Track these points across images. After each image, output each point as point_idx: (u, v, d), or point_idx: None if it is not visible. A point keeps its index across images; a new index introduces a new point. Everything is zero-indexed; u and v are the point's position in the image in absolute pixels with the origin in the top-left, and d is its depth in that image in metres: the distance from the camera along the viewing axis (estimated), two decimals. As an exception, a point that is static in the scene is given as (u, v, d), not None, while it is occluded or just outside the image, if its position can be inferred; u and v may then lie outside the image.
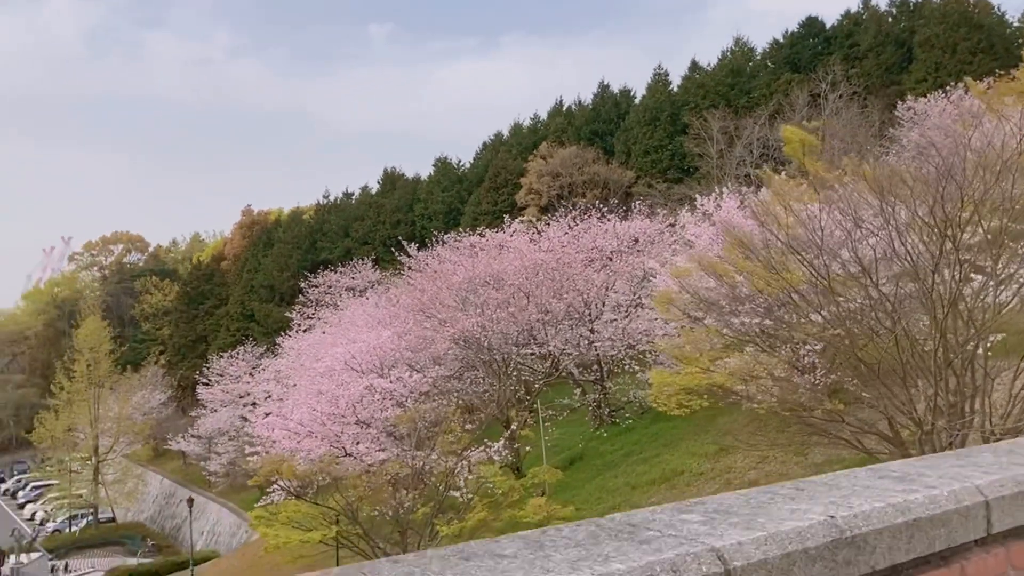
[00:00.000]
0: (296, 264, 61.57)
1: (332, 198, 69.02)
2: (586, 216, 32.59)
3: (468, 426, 24.43)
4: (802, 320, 13.85)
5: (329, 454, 25.75)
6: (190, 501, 36.37)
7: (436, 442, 23.23)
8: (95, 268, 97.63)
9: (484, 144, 65.83)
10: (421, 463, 20.33)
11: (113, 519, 55.17)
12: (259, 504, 28.48)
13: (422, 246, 38.91)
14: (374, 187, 68.17)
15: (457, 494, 22.28)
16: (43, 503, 60.58)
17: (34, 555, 44.37)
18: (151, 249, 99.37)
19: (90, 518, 53.44)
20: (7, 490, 71.80)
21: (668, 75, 57.85)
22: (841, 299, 13.95)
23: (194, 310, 69.72)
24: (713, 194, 24.71)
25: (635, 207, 32.08)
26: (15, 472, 75.62)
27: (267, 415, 28.48)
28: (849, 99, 40.88)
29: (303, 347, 37.57)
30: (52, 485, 60.20)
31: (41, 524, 58.01)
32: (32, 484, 66.11)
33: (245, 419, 37.97)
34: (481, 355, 26.57)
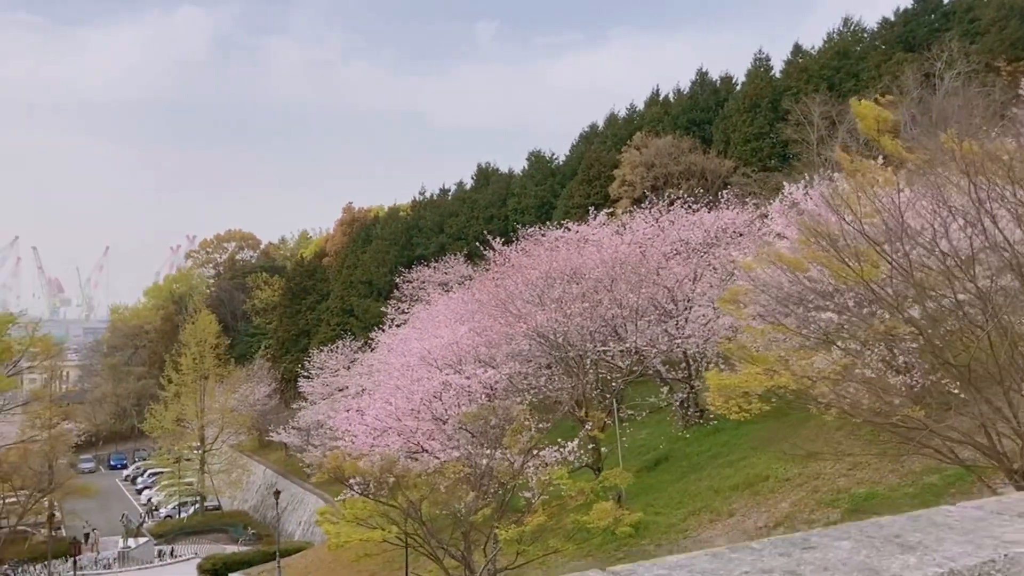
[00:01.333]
0: (393, 260, 62.30)
1: (428, 195, 69.56)
2: (672, 208, 31.33)
3: (541, 425, 23.75)
4: (879, 317, 12.49)
5: (403, 450, 25.59)
6: (276, 493, 37.13)
7: (506, 440, 22.67)
8: (210, 265, 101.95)
9: (580, 136, 64.87)
10: (486, 462, 19.79)
11: (219, 507, 57.27)
12: (338, 499, 28.68)
13: (508, 242, 38.46)
14: (470, 183, 68.25)
15: (529, 494, 21.65)
16: (158, 489, 63.64)
17: (141, 539, 46.46)
18: (262, 246, 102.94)
19: (197, 506, 55.65)
20: (128, 476, 75.86)
21: (769, 60, 55.44)
22: (931, 293, 12.52)
23: (297, 305, 71.69)
24: (802, 182, 23.04)
25: (722, 197, 30.54)
26: (136, 459, 79.80)
27: (347, 410, 28.64)
28: (967, 78, 37.83)
29: (391, 342, 37.77)
30: (164, 473, 63.16)
31: (155, 509, 60.93)
32: (150, 471, 69.52)
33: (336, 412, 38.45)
34: (557, 351, 25.79)
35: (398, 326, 44.87)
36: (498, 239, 37.93)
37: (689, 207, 31.25)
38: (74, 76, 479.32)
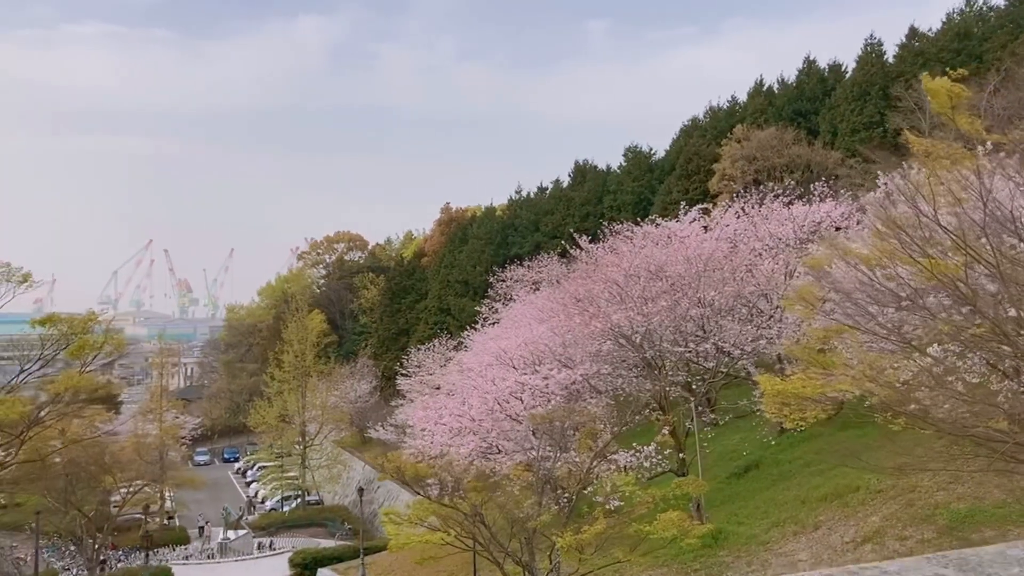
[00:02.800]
0: (488, 259, 62.33)
1: (525, 193, 69.29)
2: (764, 201, 29.75)
3: (617, 428, 22.88)
4: (968, 318, 11.14)
5: (478, 450, 25.22)
6: (360, 491, 37.48)
7: (577, 443, 21.93)
8: (320, 266, 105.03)
9: (681, 130, 63.12)
10: (548, 465, 19.13)
11: (320, 502, 58.67)
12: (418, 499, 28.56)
13: (598, 239, 37.60)
14: (567, 181, 67.56)
15: (601, 499, 20.85)
16: (263, 483, 65.88)
17: (240, 532, 47.99)
18: (370, 247, 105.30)
19: (299, 500, 57.18)
20: (239, 469, 78.96)
21: (882, 45, 52.35)
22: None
23: (397, 304, 72.81)
24: (898, 170, 21.25)
25: (814, 189, 28.78)
26: (248, 453, 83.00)
27: (425, 409, 28.52)
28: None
29: (478, 341, 37.60)
30: (269, 467, 65.27)
31: (262, 502, 63.05)
32: (259, 464, 72.07)
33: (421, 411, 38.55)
34: (636, 351, 24.81)
35: (491, 325, 44.73)
36: (585, 237, 37.22)
37: (785, 201, 29.63)
38: (200, 86, 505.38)
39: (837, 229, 27.47)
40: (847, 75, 53.77)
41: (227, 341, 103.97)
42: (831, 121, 50.28)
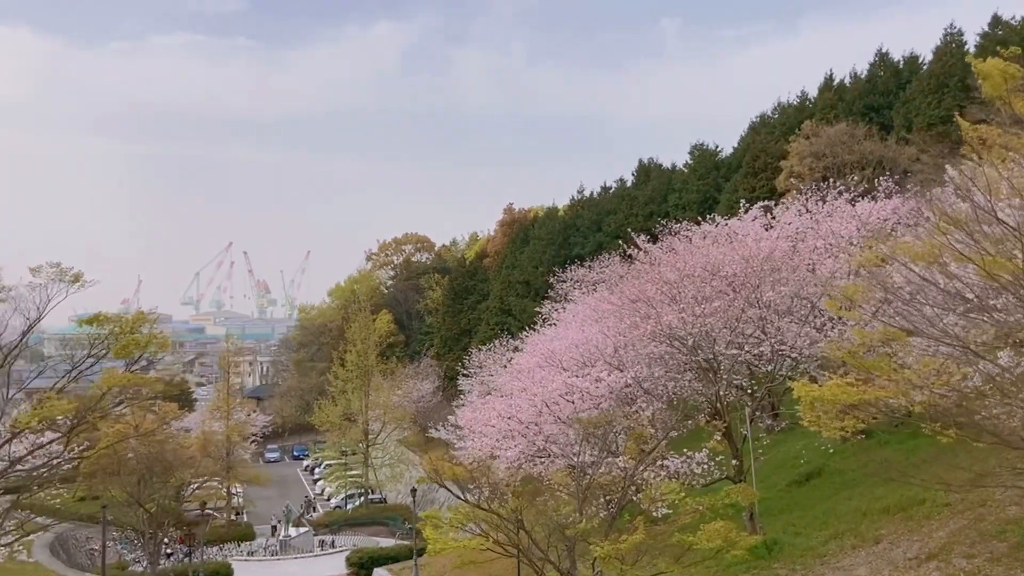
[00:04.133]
0: (549, 259, 61.85)
1: (588, 193, 68.59)
2: (827, 199, 28.57)
3: (665, 432, 22.18)
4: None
5: (526, 453, 24.83)
6: (413, 491, 37.39)
7: (626, 447, 21.33)
8: (388, 267, 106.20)
9: (749, 127, 61.51)
10: (590, 472, 18.60)
11: (383, 500, 59.09)
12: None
13: (657, 239, 36.81)
14: (631, 180, 66.60)
15: (647, 507, 20.21)
16: (328, 481, 66.78)
17: (302, 529, 48.63)
18: (436, 248, 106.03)
19: (363, 498, 57.73)
20: (307, 466, 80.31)
21: (962, 35, 49.89)
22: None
23: (459, 305, 72.96)
24: (969, 164, 19.99)
25: (879, 184, 27.48)
26: (316, 450, 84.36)
27: (473, 411, 28.26)
28: None
29: (531, 342, 37.23)
30: (333, 465, 66.13)
31: (327, 499, 63.92)
32: (326, 462, 73.13)
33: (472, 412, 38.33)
34: (688, 354, 24.05)
35: (551, 326, 44.30)
36: (643, 237, 36.44)
37: (849, 197, 28.40)
38: (279, 93, 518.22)
39: (908, 227, 26.16)
40: (924, 67, 51.53)
41: (298, 340, 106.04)
42: (905, 115, 48.20)
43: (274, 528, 49.74)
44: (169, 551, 44.45)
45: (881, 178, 28.79)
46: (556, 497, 20.14)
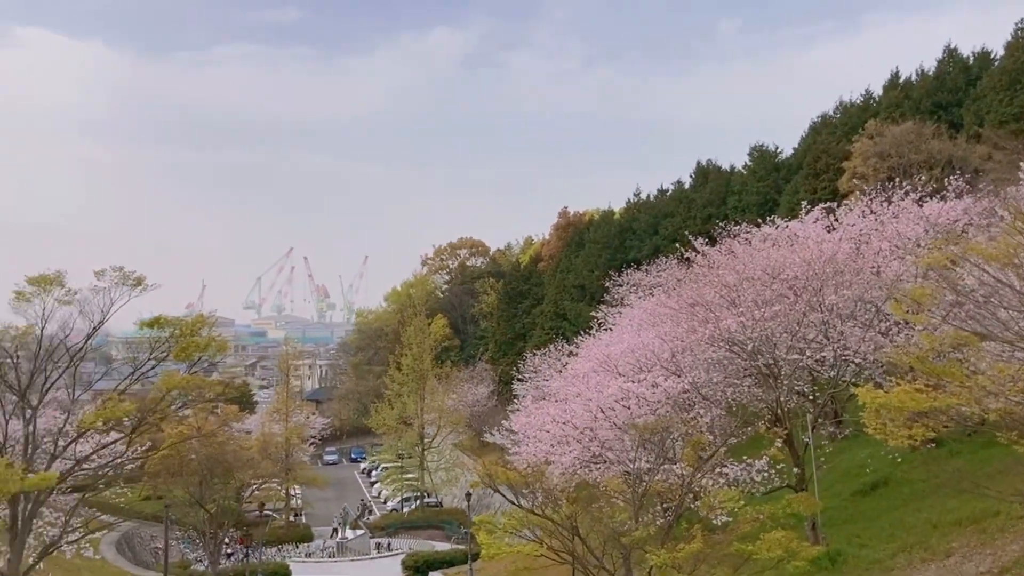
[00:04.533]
0: (604, 263, 61.34)
1: (644, 196, 67.87)
2: (894, 199, 27.66)
3: (724, 439, 21.68)
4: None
5: (581, 459, 24.54)
6: (468, 496, 37.34)
7: (683, 454, 20.89)
8: (443, 271, 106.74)
9: (810, 127, 60.17)
10: (647, 479, 18.22)
11: (439, 504, 59.24)
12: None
13: (715, 242, 36.18)
14: (688, 182, 65.71)
15: (706, 515, 19.76)
16: (385, 484, 67.24)
17: (358, 531, 48.98)
18: (491, 252, 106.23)
19: (418, 501, 57.96)
20: (365, 469, 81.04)
21: (1035, 27, 47.95)
22: None
23: (513, 309, 72.80)
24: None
25: (949, 184, 26.49)
26: (373, 453, 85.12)
27: (528, 415, 28.04)
28: None
29: (586, 347, 36.87)
30: (390, 468, 66.53)
31: (384, 502, 64.38)
32: (383, 465, 73.70)
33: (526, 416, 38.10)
34: (747, 359, 23.48)
35: (607, 330, 43.88)
36: (701, 240, 35.81)
37: (916, 198, 27.44)
38: (337, 99, 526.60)
39: (978, 228, 25.14)
40: (995, 63, 49.71)
41: (356, 344, 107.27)
42: (976, 113, 46.53)
43: (335, 530, 50.26)
44: (230, 551, 45.21)
45: (950, 178, 27.74)
46: (612, 504, 19.83)
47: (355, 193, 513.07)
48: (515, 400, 54.81)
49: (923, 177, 35.41)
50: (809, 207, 31.69)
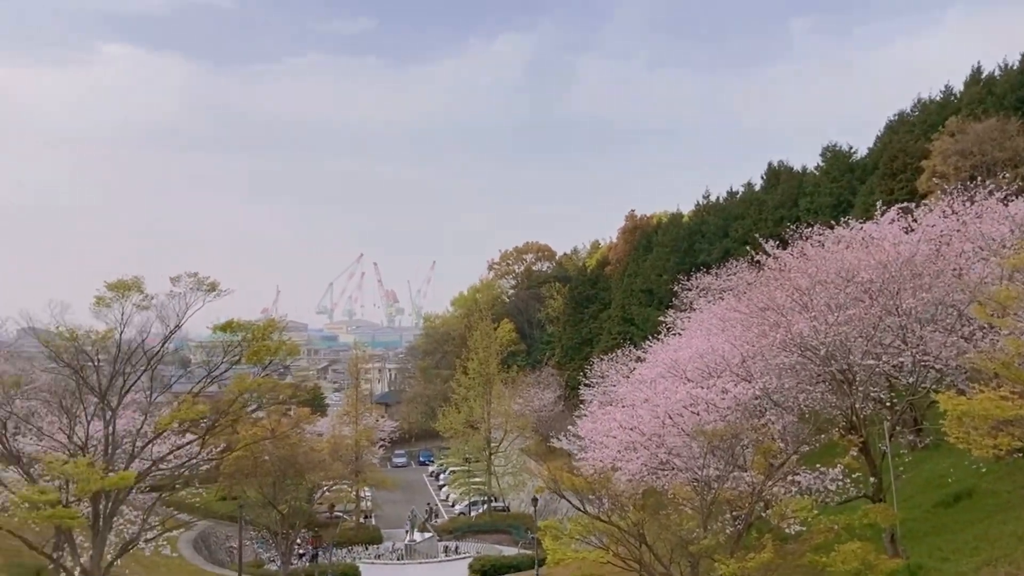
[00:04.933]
0: (673, 267, 60.56)
1: (713, 198, 66.82)
2: (977, 198, 26.55)
3: (796, 446, 21.09)
4: None
5: (648, 465, 24.21)
6: (534, 500, 37.20)
7: (753, 462, 20.41)
8: (509, 276, 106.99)
9: (886, 126, 58.39)
10: (716, 486, 17.82)
11: (506, 508, 59.23)
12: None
13: (786, 244, 35.35)
14: (759, 184, 64.47)
15: (777, 524, 19.25)
16: (452, 487, 67.59)
17: (426, 534, 49.29)
18: (557, 257, 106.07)
19: (486, 505, 58.08)
20: (432, 472, 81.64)
21: None
22: None
23: (580, 314, 72.46)
24: None
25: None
26: (441, 456, 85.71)
27: (593, 422, 27.78)
28: None
29: (653, 351, 36.39)
30: (457, 471, 66.85)
31: (452, 505, 64.70)
32: (450, 468, 74.13)
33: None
34: (821, 364, 22.80)
35: (675, 335, 43.29)
36: (772, 242, 35.00)
37: (1000, 196, 26.28)
38: (406, 107, 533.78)
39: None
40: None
41: (424, 348, 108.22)
42: (1064, 107, 44.52)
43: (407, 532, 50.73)
44: (302, 551, 46.01)
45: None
46: (679, 511, 19.48)
47: (422, 199, 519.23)
48: (581, 405, 54.48)
49: (1007, 175, 33.94)
50: (885, 208, 30.69)
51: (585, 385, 55.06)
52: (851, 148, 58.68)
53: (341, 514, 54.78)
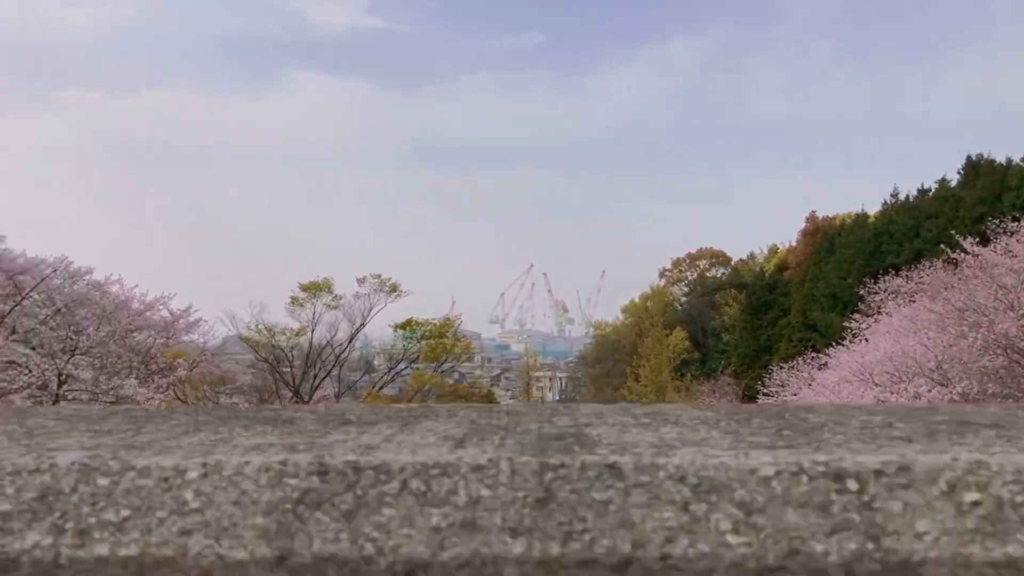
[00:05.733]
0: (858, 270, 57.29)
1: (902, 196, 62.67)
2: None
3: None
4: None
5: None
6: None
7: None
8: (682, 283, 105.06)
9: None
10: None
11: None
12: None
13: (984, 242, 32.63)
14: (955, 179, 59.85)
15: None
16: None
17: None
18: (733, 263, 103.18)
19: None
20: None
21: None
22: None
23: (757, 320, 69.91)
24: None
25: None
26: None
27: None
28: None
29: (835, 356, 34.48)
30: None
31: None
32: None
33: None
34: (1031, 369, 20.78)
35: (862, 341, 41.00)
36: (970, 240, 32.42)
37: None
38: (577, 117, 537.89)
39: None
40: None
41: (594, 356, 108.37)
42: None
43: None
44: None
45: None
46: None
47: (593, 207, 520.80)
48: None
49: None
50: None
51: (764, 394, 53.17)
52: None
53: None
